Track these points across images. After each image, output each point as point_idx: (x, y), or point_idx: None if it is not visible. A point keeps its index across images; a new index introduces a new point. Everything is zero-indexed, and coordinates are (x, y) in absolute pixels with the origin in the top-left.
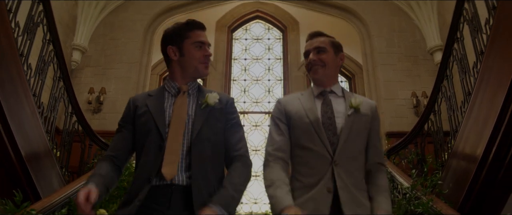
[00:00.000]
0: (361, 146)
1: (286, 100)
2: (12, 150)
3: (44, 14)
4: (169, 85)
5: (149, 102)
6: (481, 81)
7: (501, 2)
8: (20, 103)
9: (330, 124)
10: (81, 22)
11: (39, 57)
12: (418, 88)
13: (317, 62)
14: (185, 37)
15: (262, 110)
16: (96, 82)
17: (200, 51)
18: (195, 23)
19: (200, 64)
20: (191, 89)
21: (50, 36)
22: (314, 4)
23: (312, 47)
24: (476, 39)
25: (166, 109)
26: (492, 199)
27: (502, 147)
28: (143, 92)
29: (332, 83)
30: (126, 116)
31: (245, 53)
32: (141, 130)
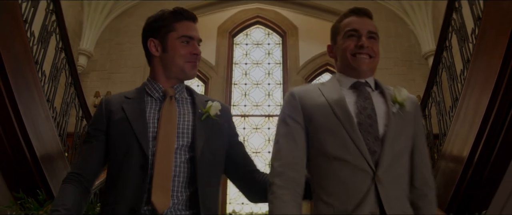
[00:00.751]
0: (407, 155)
1: (303, 92)
2: (28, 152)
3: (57, 23)
4: (151, 87)
5: (127, 107)
6: (467, 87)
7: (485, 14)
8: (35, 108)
9: (371, 124)
10: (87, 27)
11: (52, 64)
12: (412, 92)
13: (369, 51)
14: (170, 30)
15: (262, 113)
16: (102, 86)
17: (187, 47)
18: (184, 13)
19: (187, 64)
20: (179, 93)
21: (62, 44)
22: (313, 10)
23: (364, 29)
24: (463, 48)
25: (148, 118)
26: (478, 198)
27: (487, 149)
28: (119, 93)
29: (367, 76)
30: (97, 121)
31: (246, 58)
32: (116, 142)
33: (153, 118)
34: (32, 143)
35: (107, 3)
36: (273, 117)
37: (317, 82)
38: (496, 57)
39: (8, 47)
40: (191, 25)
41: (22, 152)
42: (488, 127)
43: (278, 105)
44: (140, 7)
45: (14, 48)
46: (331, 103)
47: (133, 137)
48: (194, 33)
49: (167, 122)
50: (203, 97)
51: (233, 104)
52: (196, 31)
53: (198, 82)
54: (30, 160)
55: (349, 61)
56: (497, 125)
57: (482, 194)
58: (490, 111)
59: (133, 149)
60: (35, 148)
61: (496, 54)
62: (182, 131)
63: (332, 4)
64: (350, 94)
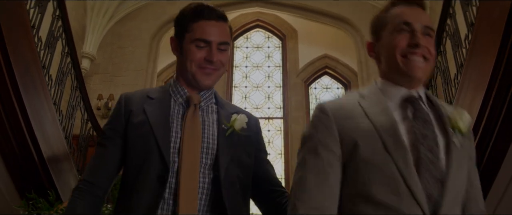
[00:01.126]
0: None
1: (338, 108)
2: (36, 154)
3: (63, 28)
4: (175, 90)
5: (149, 109)
6: (460, 91)
7: (478, 20)
8: (43, 111)
9: (432, 161)
10: (90, 31)
11: (59, 68)
12: None
13: (424, 51)
14: (187, 30)
15: (262, 115)
16: (104, 89)
17: (201, 52)
18: (204, 10)
19: (199, 70)
20: (205, 101)
21: (68, 49)
22: (312, 14)
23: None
24: (457, 53)
25: (172, 124)
26: None
27: (480, 150)
28: (140, 89)
29: (419, 85)
30: (115, 120)
31: (246, 61)
32: (134, 147)
33: (177, 126)
34: (39, 145)
35: (109, 7)
36: (273, 119)
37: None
38: (488, 62)
39: (17, 52)
40: (210, 26)
41: (30, 154)
42: (480, 129)
43: (278, 107)
44: (142, 11)
45: (23, 53)
46: (380, 130)
47: (154, 144)
48: (213, 37)
49: (191, 135)
50: (229, 108)
51: None
52: (217, 33)
53: None
54: (38, 162)
55: (399, 63)
56: (489, 127)
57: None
58: (482, 114)
59: (153, 157)
60: (42, 150)
61: (488, 59)
62: (207, 146)
63: (331, 8)
64: (401, 113)
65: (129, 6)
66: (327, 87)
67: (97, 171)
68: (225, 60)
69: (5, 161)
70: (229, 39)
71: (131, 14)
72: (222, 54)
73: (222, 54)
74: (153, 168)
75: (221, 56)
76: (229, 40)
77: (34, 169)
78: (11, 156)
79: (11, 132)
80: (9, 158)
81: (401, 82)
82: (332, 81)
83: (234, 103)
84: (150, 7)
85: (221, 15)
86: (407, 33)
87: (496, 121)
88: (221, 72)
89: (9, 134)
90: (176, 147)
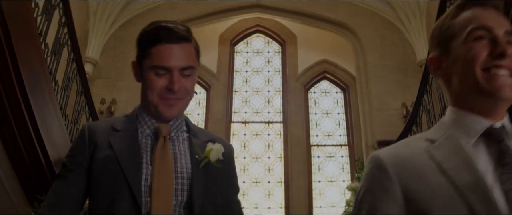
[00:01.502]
0: None
1: (399, 160)
2: (43, 158)
3: (69, 35)
4: (142, 120)
5: (115, 142)
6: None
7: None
8: (50, 116)
9: None
10: (92, 36)
11: (65, 74)
12: (408, 99)
13: (510, 63)
14: (145, 56)
15: (262, 120)
16: (107, 94)
17: (161, 80)
18: (161, 32)
19: (160, 101)
20: (175, 131)
21: (73, 55)
22: (311, 20)
23: (500, 27)
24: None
25: (142, 161)
26: None
27: None
28: (105, 120)
29: (503, 110)
30: (78, 153)
31: (246, 65)
32: (101, 184)
33: (146, 163)
34: (47, 150)
35: (112, 13)
36: (273, 123)
37: (418, 135)
38: None
39: (25, 59)
40: (169, 50)
41: (37, 158)
42: None
43: (278, 112)
44: (144, 17)
45: (31, 60)
46: (462, 189)
47: (123, 182)
48: (173, 62)
49: (162, 171)
50: (202, 136)
51: (234, 111)
52: (178, 57)
53: (200, 89)
54: (45, 165)
55: (479, 82)
56: None
57: None
58: None
59: (122, 198)
60: (49, 154)
61: None
62: (181, 182)
63: (330, 13)
64: (485, 158)
65: (132, 11)
66: (326, 92)
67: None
68: (191, 86)
69: (13, 164)
70: (194, 62)
71: (133, 19)
72: (186, 80)
73: (186, 80)
74: (123, 208)
75: (186, 82)
76: (194, 63)
77: (42, 172)
78: (19, 160)
79: (20, 136)
80: (17, 162)
81: (482, 107)
82: (331, 86)
83: (235, 108)
84: (152, 12)
85: (183, 36)
86: (487, 41)
87: None
88: (187, 100)
89: (17, 138)
90: (147, 186)
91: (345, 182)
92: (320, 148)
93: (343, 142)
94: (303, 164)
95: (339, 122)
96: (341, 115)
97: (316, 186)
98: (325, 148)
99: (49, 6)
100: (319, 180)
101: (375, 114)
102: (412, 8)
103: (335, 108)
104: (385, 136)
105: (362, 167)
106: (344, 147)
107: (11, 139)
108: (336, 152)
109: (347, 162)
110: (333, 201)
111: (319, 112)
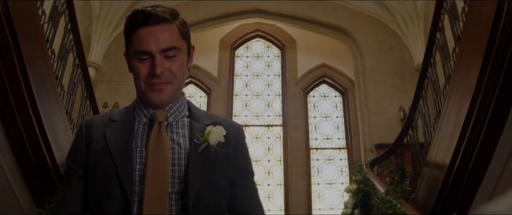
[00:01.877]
0: None
1: None
2: (50, 161)
3: (74, 42)
4: (138, 109)
5: (110, 134)
6: (448, 101)
7: (464, 35)
8: (57, 121)
9: None
10: (95, 40)
11: (70, 79)
12: (405, 102)
13: None
14: (128, 44)
15: (262, 123)
16: (110, 97)
17: (144, 66)
18: (137, 15)
19: (148, 87)
20: (174, 116)
21: (78, 61)
22: (310, 24)
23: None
24: (445, 65)
25: (136, 149)
26: (459, 202)
27: (466, 156)
28: (104, 113)
29: None
30: (76, 150)
31: (246, 69)
32: (94, 179)
33: (141, 151)
34: (53, 153)
35: (114, 17)
36: (273, 126)
37: None
38: (473, 73)
39: (33, 65)
40: (148, 33)
41: (44, 161)
42: (466, 137)
43: (277, 115)
44: None
45: (38, 66)
46: None
47: (114, 176)
48: (152, 46)
49: (156, 159)
50: (206, 119)
51: (235, 114)
52: (158, 39)
53: (201, 93)
54: (51, 168)
55: None
56: (474, 135)
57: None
58: (467, 123)
59: (113, 191)
60: (56, 157)
61: (473, 71)
62: (175, 169)
63: (328, 19)
64: None
65: None
66: (325, 96)
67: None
68: (177, 69)
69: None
70: (178, 43)
71: None
72: (171, 63)
73: (171, 62)
74: (114, 203)
75: (171, 65)
76: (178, 44)
77: (48, 174)
78: (27, 162)
79: (28, 140)
80: (24, 165)
81: None
82: (330, 90)
83: (235, 111)
84: None
85: (162, 17)
86: None
87: (481, 127)
88: (176, 84)
89: (25, 142)
90: (140, 175)
91: (344, 184)
92: (319, 151)
93: (342, 145)
94: (303, 167)
95: (338, 125)
96: (340, 118)
97: (315, 189)
98: (324, 151)
99: (55, 14)
100: (318, 183)
101: (373, 117)
102: (409, 13)
103: (334, 111)
104: (382, 140)
105: (360, 170)
106: (343, 150)
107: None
108: (335, 155)
109: (346, 165)
110: (332, 203)
111: (318, 115)
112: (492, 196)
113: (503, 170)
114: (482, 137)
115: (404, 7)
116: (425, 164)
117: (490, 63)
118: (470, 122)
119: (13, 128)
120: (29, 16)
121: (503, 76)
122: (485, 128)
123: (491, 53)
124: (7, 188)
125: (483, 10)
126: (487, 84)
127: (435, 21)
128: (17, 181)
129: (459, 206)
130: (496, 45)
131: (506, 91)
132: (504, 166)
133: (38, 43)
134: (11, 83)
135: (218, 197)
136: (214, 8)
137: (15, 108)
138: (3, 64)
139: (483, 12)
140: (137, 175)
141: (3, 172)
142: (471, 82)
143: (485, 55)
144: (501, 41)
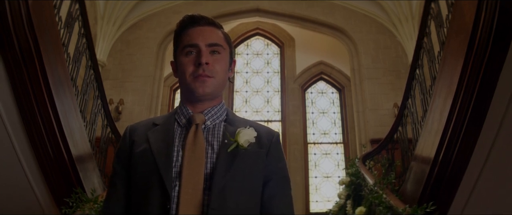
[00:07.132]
0: None
1: None
2: (66, 155)
3: (87, 45)
4: (180, 112)
5: (152, 136)
6: (433, 101)
7: (447, 40)
8: (72, 118)
9: None
10: (100, 39)
11: (83, 80)
12: (399, 99)
13: None
14: (177, 46)
15: (262, 119)
16: (115, 94)
17: (190, 59)
18: (190, 18)
19: (193, 79)
20: (211, 120)
21: (91, 63)
22: (308, 23)
23: None
24: (431, 67)
25: (174, 150)
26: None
27: (448, 151)
28: (148, 118)
29: None
30: (121, 154)
31: (247, 67)
32: (137, 176)
33: (177, 150)
34: (70, 148)
35: (119, 16)
36: (272, 122)
37: None
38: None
39: (52, 68)
40: (197, 30)
41: (61, 156)
42: (448, 133)
43: (276, 111)
44: (149, 20)
45: (57, 69)
46: None
47: (156, 173)
48: (200, 40)
49: (192, 157)
50: (240, 124)
51: (235, 110)
52: (205, 35)
53: None
54: (68, 162)
55: None
56: (455, 132)
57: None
58: (449, 121)
59: (155, 187)
60: (72, 152)
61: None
62: (207, 167)
63: (326, 18)
64: None
65: (137, 15)
66: (323, 92)
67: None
68: (220, 68)
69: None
70: (223, 42)
71: (138, 23)
72: (215, 60)
73: (215, 59)
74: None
75: (213, 60)
76: (223, 43)
77: (65, 169)
78: (46, 157)
79: (47, 136)
80: (43, 160)
81: None
82: (327, 86)
83: (236, 107)
84: (156, 16)
85: (210, 21)
86: None
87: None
88: (217, 81)
89: (45, 138)
90: (177, 172)
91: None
92: (316, 145)
93: (339, 140)
94: (301, 160)
95: (335, 120)
96: (337, 114)
97: (312, 182)
98: (321, 146)
99: (70, 19)
100: (316, 176)
101: (368, 113)
102: (404, 12)
103: (331, 107)
104: (377, 135)
105: (352, 164)
106: (340, 145)
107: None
108: (331, 149)
109: (342, 159)
110: (329, 196)
111: (315, 111)
112: (474, 188)
113: (484, 164)
114: (463, 133)
115: (400, 7)
116: (413, 158)
117: (470, 66)
118: (452, 119)
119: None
120: (49, 26)
121: (481, 79)
122: (466, 125)
123: (471, 58)
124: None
125: (464, 18)
126: (467, 86)
127: (422, 26)
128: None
129: (443, 196)
130: (475, 50)
131: (485, 92)
132: (485, 159)
133: (56, 50)
134: (33, 88)
135: (245, 194)
136: (214, 8)
137: (36, 108)
138: (26, 71)
139: (464, 20)
140: (174, 171)
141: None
142: (453, 83)
143: (465, 59)
144: (480, 47)
